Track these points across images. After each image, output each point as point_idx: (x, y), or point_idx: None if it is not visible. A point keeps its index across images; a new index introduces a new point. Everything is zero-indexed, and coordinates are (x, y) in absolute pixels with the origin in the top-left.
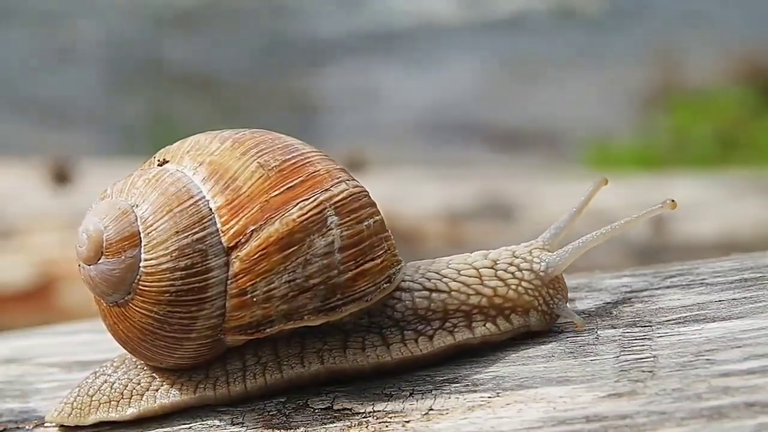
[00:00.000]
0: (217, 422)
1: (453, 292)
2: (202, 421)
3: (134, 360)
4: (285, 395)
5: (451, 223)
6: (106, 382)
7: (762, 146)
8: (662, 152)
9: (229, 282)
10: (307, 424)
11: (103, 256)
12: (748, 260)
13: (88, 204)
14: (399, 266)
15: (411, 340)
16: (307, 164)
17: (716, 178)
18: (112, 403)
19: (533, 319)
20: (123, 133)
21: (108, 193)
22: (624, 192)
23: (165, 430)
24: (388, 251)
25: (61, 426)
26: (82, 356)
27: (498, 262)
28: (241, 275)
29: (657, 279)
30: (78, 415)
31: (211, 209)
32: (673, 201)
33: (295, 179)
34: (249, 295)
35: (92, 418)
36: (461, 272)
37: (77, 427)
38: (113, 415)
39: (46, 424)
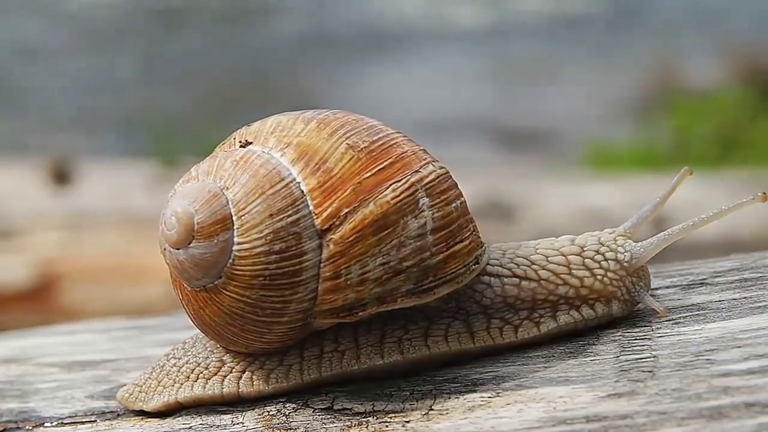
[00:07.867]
0: (217, 422)
1: (542, 281)
2: (202, 420)
3: (205, 343)
4: (287, 396)
5: None
6: (175, 365)
7: (762, 146)
8: (662, 152)
9: (322, 265)
10: (307, 424)
11: (194, 240)
12: (748, 260)
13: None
14: (483, 247)
15: (496, 329)
16: (395, 145)
17: (716, 178)
18: (176, 386)
19: (615, 308)
20: (122, 133)
21: (193, 176)
22: (624, 192)
23: (164, 429)
24: (474, 232)
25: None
26: (82, 356)
27: (585, 248)
28: (335, 258)
29: (657, 279)
30: (143, 399)
31: (303, 192)
32: (765, 193)
33: (385, 161)
34: (343, 278)
35: (153, 404)
36: (549, 258)
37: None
38: (174, 398)
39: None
